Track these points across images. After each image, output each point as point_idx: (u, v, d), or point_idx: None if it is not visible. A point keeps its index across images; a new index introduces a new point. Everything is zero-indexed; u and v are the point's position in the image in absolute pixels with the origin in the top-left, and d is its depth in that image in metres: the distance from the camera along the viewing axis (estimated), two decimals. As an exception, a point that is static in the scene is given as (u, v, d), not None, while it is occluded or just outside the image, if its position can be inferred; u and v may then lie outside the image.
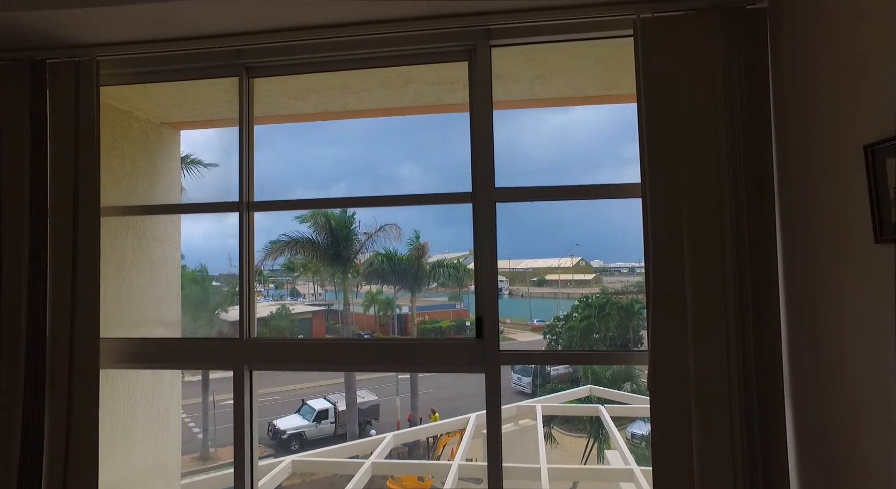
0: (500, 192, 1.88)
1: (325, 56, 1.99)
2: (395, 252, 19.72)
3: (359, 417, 18.46)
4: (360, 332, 24.20)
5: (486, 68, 1.89)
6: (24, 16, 1.76)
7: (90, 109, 1.95)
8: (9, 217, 2.01)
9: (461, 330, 27.74)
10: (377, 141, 41.29)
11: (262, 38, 1.93)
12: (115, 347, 2.10)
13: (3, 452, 1.96)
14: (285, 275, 24.79)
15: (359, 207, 3.41)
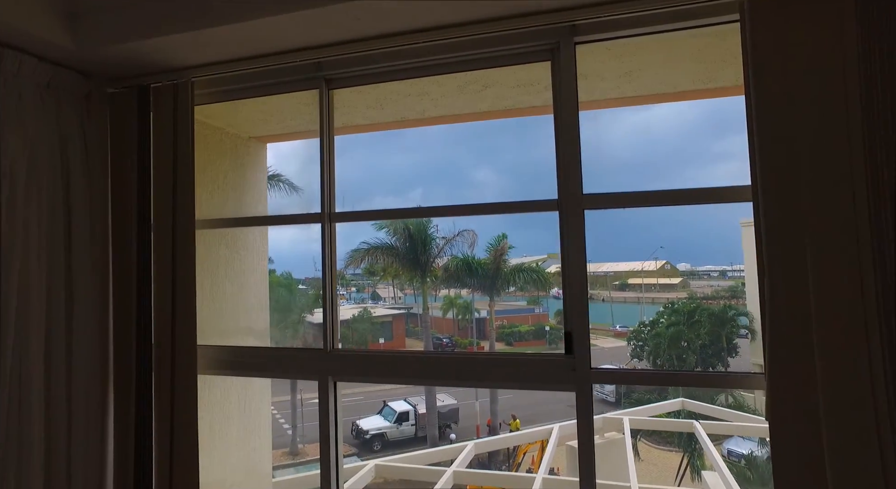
0: (588, 198, 1.76)
1: (404, 63, 1.97)
2: (472, 256, 19.73)
3: (438, 421, 18.60)
4: (440, 336, 24.44)
5: (570, 67, 1.77)
6: (135, 45, 1.88)
7: (186, 128, 2.05)
8: (119, 233, 2.17)
9: (540, 334, 27.22)
10: (451, 146, 41.63)
11: (341, 49, 1.93)
12: (211, 354, 2.19)
13: (121, 450, 2.11)
14: (366, 279, 25.62)
15: (441, 217, 3.41)
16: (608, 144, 34.27)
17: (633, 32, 1.73)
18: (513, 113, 2.66)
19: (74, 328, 2.02)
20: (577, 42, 1.78)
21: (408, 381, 1.95)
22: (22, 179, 1.83)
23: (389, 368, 1.99)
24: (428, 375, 1.94)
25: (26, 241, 1.84)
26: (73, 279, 2.02)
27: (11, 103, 1.81)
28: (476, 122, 2.79)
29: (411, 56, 1.93)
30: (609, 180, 39.65)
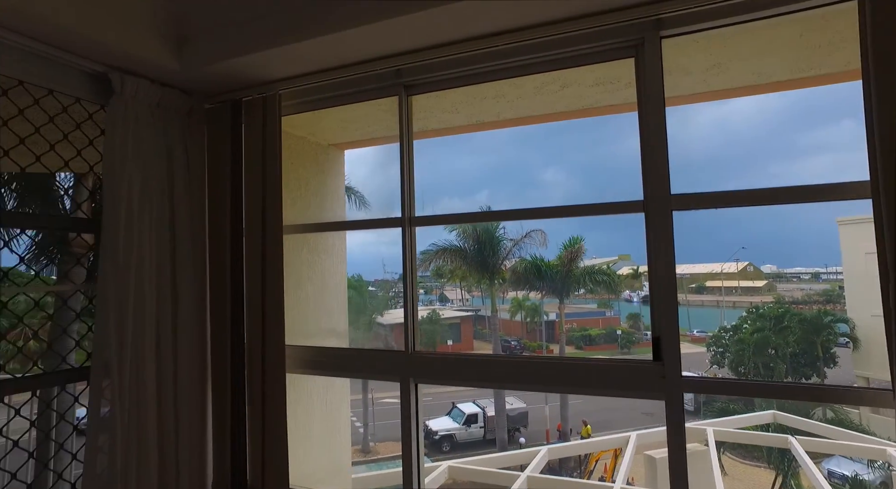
0: (677, 199, 1.68)
1: (482, 67, 1.97)
2: (541, 257, 19.43)
3: (507, 424, 18.46)
4: (508, 339, 24.28)
5: (656, 63, 1.70)
6: (230, 63, 2.01)
7: (274, 138, 2.17)
8: (215, 240, 2.32)
9: (611, 338, 26.35)
10: (518, 147, 41.24)
11: (420, 55, 1.97)
12: (298, 354, 2.30)
13: (219, 444, 2.26)
14: (434, 281, 25.93)
15: (519, 220, 3.38)
16: (680, 142, 32.62)
17: (726, 21, 1.63)
18: (590, 112, 2.59)
19: (179, 329, 2.18)
20: (662, 36, 1.71)
21: (489, 385, 1.95)
22: (137, 193, 2.01)
23: (471, 371, 1.99)
24: (509, 379, 1.92)
25: (140, 250, 2.01)
26: (177, 284, 2.18)
27: (130, 124, 1.98)
28: (548, 122, 2.74)
29: (490, 59, 1.92)
30: (682, 179, 37.63)
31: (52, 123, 1.91)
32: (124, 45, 1.87)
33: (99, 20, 1.80)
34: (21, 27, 1.70)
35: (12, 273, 2.08)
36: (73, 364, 2.19)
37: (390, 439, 19.17)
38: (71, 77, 1.93)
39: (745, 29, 1.72)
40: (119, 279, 1.96)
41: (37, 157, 1.88)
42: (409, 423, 2.06)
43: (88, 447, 1.95)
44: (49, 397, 3.06)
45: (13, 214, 1.98)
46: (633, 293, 32.35)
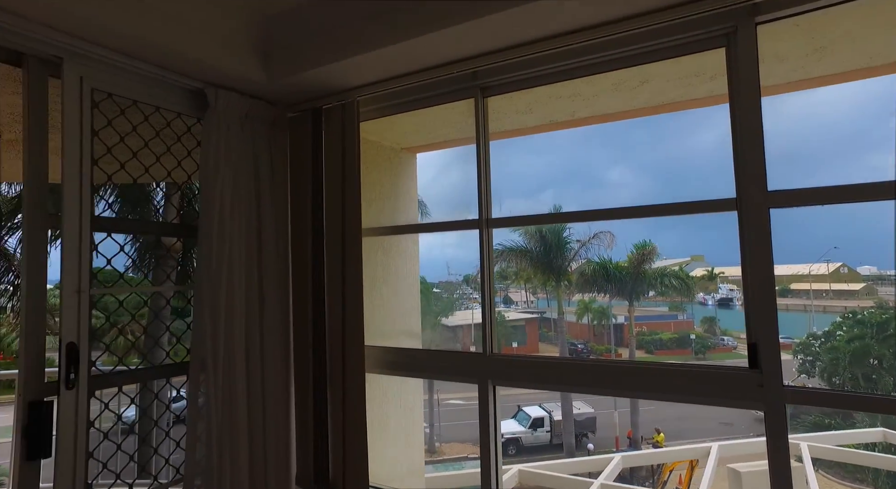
0: (775, 196, 1.57)
1: (558, 66, 1.94)
2: (609, 259, 18.84)
3: (575, 429, 18.04)
4: (574, 342, 23.74)
5: (751, 51, 1.60)
6: (312, 73, 2.10)
7: (353, 143, 2.24)
8: (297, 243, 2.43)
9: (684, 343, 25.10)
10: (582, 146, 40.19)
11: (496, 56, 1.96)
12: (377, 355, 2.36)
13: (302, 440, 2.36)
14: (498, 283, 25.78)
15: (590, 221, 3.26)
16: (766, 134, 30.47)
17: (831, 0, 1.51)
18: (672, 107, 2.48)
19: (265, 329, 2.30)
20: (758, 22, 1.60)
21: (571, 389, 1.91)
22: (228, 200, 2.14)
23: (551, 374, 1.96)
24: (592, 384, 1.87)
25: (230, 253, 2.14)
26: (263, 285, 2.30)
27: (222, 135, 2.12)
28: (626, 119, 2.65)
29: (567, 57, 1.89)
30: (770, 174, 34.92)
31: (158, 137, 2.07)
32: (219, 62, 2.00)
33: (197, 41, 1.93)
34: (135, 52, 1.87)
35: (109, 274, 2.27)
36: (164, 360, 2.35)
37: (455, 440, 19.26)
38: (173, 94, 2.09)
39: (853, 8, 1.58)
40: (213, 281, 2.09)
41: (146, 168, 2.04)
42: (488, 426, 2.06)
43: (189, 435, 2.09)
44: (149, 389, 3.34)
45: (131, 221, 2.16)
46: (708, 296, 30.69)
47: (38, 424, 1.72)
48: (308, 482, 2.37)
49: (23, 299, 1.76)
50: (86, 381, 1.82)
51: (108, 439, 2.03)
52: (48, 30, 1.67)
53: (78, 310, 1.80)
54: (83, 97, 1.81)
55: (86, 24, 1.68)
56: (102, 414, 2.00)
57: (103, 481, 1.99)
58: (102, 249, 2.00)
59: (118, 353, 2.20)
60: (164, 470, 2.21)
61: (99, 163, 1.87)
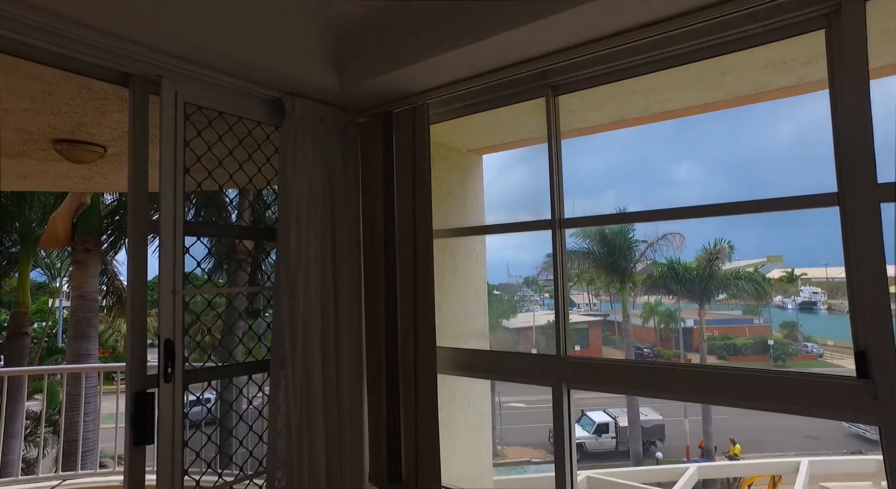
0: (887, 189, 1.43)
1: (634, 60, 1.87)
2: (677, 260, 18.02)
3: (642, 436, 17.38)
4: (640, 346, 22.91)
5: (858, 30, 1.47)
6: (383, 78, 2.14)
7: (423, 146, 2.26)
8: (369, 246, 2.49)
9: (761, 349, 23.60)
10: (646, 144, 38.70)
11: (567, 54, 1.92)
12: (448, 356, 2.37)
13: (375, 439, 2.41)
14: (558, 285, 25.26)
15: (659, 221, 3.13)
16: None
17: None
18: (753, 98, 2.34)
19: (339, 327, 2.37)
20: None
21: (650, 394, 1.84)
22: (304, 203, 2.22)
23: (628, 378, 1.89)
24: (673, 389, 1.79)
25: (307, 255, 2.22)
26: (337, 285, 2.37)
27: (298, 141, 2.20)
28: (704, 113, 2.52)
29: (644, 51, 1.82)
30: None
31: (241, 145, 2.19)
32: (295, 72, 2.09)
33: (277, 53, 2.03)
34: (222, 66, 1.99)
35: (192, 277, 2.40)
36: (237, 359, 2.47)
37: (516, 444, 19.04)
38: (254, 104, 2.20)
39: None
40: (291, 283, 2.17)
41: (230, 175, 2.16)
42: (562, 430, 2.02)
43: (270, 430, 2.19)
44: (226, 385, 3.54)
45: (218, 225, 2.30)
46: (788, 299, 28.69)
47: (143, 413, 1.86)
48: (381, 480, 2.41)
49: (128, 299, 1.90)
50: (181, 375, 1.94)
51: (200, 431, 2.16)
52: (151, 51, 1.81)
53: (173, 310, 1.93)
54: (177, 111, 1.94)
55: (181, 43, 1.80)
56: (193, 407, 2.13)
57: (194, 469, 2.12)
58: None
59: (206, 351, 2.34)
60: (248, 462, 2.32)
61: (190, 171, 1.99)
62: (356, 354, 2.45)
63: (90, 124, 2.69)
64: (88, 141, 2.92)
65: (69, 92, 2.28)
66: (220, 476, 2.23)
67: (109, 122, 2.67)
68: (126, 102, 2.35)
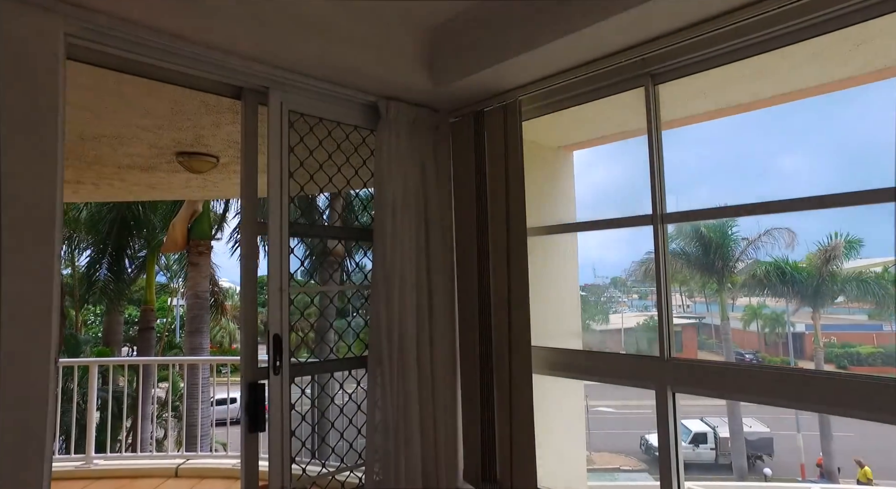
0: None
1: (741, 41, 1.73)
2: (785, 259, 16.46)
3: (746, 449, 16.06)
4: (741, 351, 21.22)
5: None
6: (474, 78, 2.16)
7: (516, 143, 2.24)
8: (461, 244, 2.51)
9: (892, 359, 20.94)
10: (745, 133, 35.81)
11: (668, 40, 1.82)
12: (542, 355, 2.33)
13: (469, 437, 2.42)
14: (648, 285, 24.07)
15: (762, 215, 2.83)
16: None
17: None
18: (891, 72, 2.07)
19: (434, 325, 2.41)
20: None
21: (770, 402, 1.68)
22: (399, 203, 2.29)
23: (744, 384, 1.75)
24: (801, 398, 1.62)
25: (402, 251, 2.28)
26: (431, 284, 2.41)
27: (392, 142, 2.28)
28: (827, 93, 2.27)
29: (753, 30, 1.68)
30: None
31: (339, 149, 2.29)
32: (390, 76, 2.16)
33: (373, 58, 2.11)
34: (322, 74, 2.10)
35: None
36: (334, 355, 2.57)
37: (605, 449, 18.35)
38: (351, 109, 2.30)
39: None
40: (387, 281, 2.24)
41: (329, 178, 2.27)
42: (668, 438, 1.91)
43: (368, 425, 2.27)
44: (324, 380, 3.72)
45: (320, 227, 2.43)
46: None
47: (255, 403, 2.00)
48: (475, 478, 2.42)
49: (242, 297, 2.06)
50: (287, 369, 2.06)
51: (305, 421, 2.28)
52: (260, 65, 1.95)
53: (280, 306, 2.06)
54: (282, 119, 2.07)
55: (287, 55, 1.92)
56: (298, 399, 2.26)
57: (300, 459, 2.24)
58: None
59: (309, 346, 2.47)
60: (348, 453, 2.42)
61: (293, 176, 2.12)
62: (450, 352, 2.48)
63: (206, 136, 2.95)
64: (205, 152, 3.21)
65: (191, 108, 2.52)
66: (323, 465, 2.35)
67: (223, 134, 2.91)
68: (237, 115, 2.55)
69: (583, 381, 3.15)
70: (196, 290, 9.52)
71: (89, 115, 2.59)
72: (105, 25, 1.63)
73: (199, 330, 9.49)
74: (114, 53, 1.72)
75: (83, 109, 2.51)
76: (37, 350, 1.48)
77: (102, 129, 2.80)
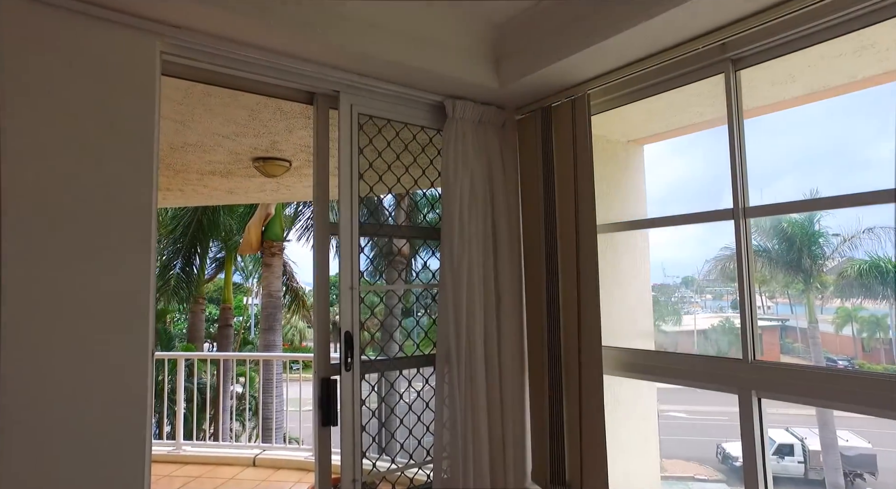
0: None
1: (845, 13, 1.59)
2: (888, 258, 14.96)
3: (843, 465, 14.73)
4: (833, 358, 19.56)
5: None
6: (541, 73, 2.12)
7: (585, 138, 2.19)
8: (529, 242, 2.48)
9: None
10: (836, 119, 32.97)
11: (753, 21, 1.71)
12: (614, 355, 2.26)
13: (537, 437, 2.38)
14: (723, 285, 22.70)
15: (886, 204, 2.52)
16: None
17: None
18: None
19: (501, 324, 2.39)
20: None
21: (873, 412, 1.53)
22: (466, 202, 2.29)
23: (844, 391, 1.61)
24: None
25: (470, 252, 2.28)
26: (498, 282, 2.40)
27: (459, 141, 2.29)
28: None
29: (853, 3, 1.54)
30: None
31: (406, 150, 2.33)
32: (457, 74, 2.16)
33: (440, 58, 2.12)
34: (390, 76, 2.14)
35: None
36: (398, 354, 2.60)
37: (677, 457, 17.49)
38: (418, 110, 2.33)
39: None
40: (455, 279, 2.25)
41: (398, 178, 2.31)
42: (753, 447, 1.79)
43: (436, 422, 2.28)
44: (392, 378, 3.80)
45: (388, 226, 2.49)
46: None
47: (328, 397, 2.07)
48: (543, 480, 2.38)
49: (315, 295, 2.13)
50: (358, 365, 2.12)
51: (375, 417, 2.34)
52: (331, 69, 2.02)
53: (351, 304, 2.11)
54: (352, 121, 2.13)
55: (358, 58, 1.97)
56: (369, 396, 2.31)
57: (369, 454, 2.30)
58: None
59: (379, 344, 2.53)
60: (416, 450, 2.45)
61: (363, 177, 2.18)
62: (518, 351, 2.45)
63: (280, 142, 3.10)
64: (279, 157, 3.36)
65: (267, 115, 2.65)
66: (392, 461, 2.39)
67: (295, 138, 3.04)
68: (309, 119, 2.66)
69: (655, 384, 3.03)
70: (270, 290, 10.02)
71: (178, 125, 2.79)
72: (195, 42, 1.75)
73: (272, 328, 9.98)
74: (202, 67, 1.84)
75: (173, 121, 2.71)
76: (137, 343, 1.62)
77: (188, 138, 3.01)
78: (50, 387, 1.48)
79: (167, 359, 5.47)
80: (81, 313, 1.53)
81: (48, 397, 1.47)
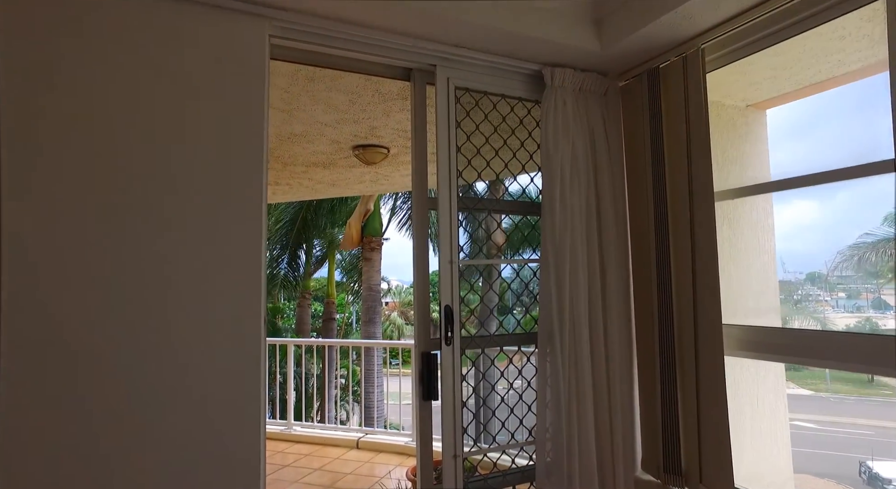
0: None
1: None
2: None
3: None
4: None
5: None
6: (646, 30, 1.97)
7: (699, 98, 2.00)
8: (635, 212, 2.32)
9: None
10: None
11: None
12: (735, 334, 2.05)
13: (648, 421, 2.22)
14: (862, 283, 20.04)
15: None
16: None
17: None
18: None
19: (607, 301, 2.26)
20: None
21: None
22: (567, 173, 2.19)
23: None
24: None
25: (573, 224, 2.18)
26: (603, 256, 2.27)
27: (559, 112, 2.20)
28: None
29: None
30: None
31: (504, 122, 2.28)
32: (557, 38, 2.07)
33: (538, 22, 2.04)
34: (486, 46, 2.10)
35: None
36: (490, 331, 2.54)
37: (806, 472, 15.69)
38: (514, 81, 2.27)
39: None
40: (558, 254, 2.16)
41: (496, 151, 2.27)
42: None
43: (539, 402, 2.21)
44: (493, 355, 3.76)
45: (487, 200, 2.47)
46: None
47: (429, 371, 2.07)
48: (656, 468, 2.22)
49: (415, 270, 2.14)
50: (458, 340, 2.10)
51: (475, 394, 2.32)
52: (427, 42, 2.02)
53: (451, 278, 2.10)
54: (449, 95, 2.12)
55: (455, 28, 1.95)
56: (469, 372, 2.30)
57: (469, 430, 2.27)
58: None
59: (480, 319, 2.51)
60: (519, 429, 2.39)
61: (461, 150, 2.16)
62: (625, 330, 2.31)
63: (379, 127, 3.18)
64: (377, 144, 3.46)
65: (366, 98, 2.73)
66: (493, 439, 2.35)
67: (392, 122, 3.10)
68: (406, 101, 2.70)
69: (782, 379, 2.71)
70: (370, 283, 10.46)
71: (285, 115, 2.96)
72: (300, 23, 1.83)
73: (372, 320, 10.42)
74: (306, 48, 1.92)
75: (279, 110, 2.88)
76: (252, 324, 1.71)
77: (293, 127, 3.18)
78: (181, 360, 1.62)
79: (278, 346, 5.89)
80: (201, 291, 1.65)
81: (178, 369, 1.61)
